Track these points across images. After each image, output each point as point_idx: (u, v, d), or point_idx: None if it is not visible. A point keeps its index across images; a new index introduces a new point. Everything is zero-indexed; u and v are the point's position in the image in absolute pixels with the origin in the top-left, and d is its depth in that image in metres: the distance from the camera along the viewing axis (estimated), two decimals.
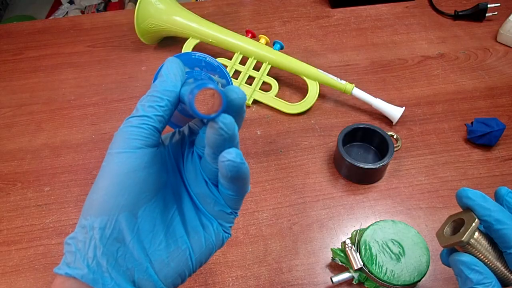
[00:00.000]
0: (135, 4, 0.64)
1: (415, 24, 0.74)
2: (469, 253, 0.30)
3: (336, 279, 0.42)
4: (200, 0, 0.87)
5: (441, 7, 0.76)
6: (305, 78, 0.60)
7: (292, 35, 0.73)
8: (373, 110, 0.59)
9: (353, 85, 0.58)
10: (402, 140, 0.56)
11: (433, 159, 0.54)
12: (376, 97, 0.57)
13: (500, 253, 0.30)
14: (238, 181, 0.24)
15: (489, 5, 0.71)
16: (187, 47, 0.64)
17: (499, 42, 0.70)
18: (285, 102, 0.60)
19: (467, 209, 0.31)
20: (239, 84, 0.61)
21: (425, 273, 0.40)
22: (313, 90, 0.59)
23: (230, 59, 0.63)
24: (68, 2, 1.82)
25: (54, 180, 0.54)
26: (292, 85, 0.64)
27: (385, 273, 0.40)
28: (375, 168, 0.48)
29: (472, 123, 0.55)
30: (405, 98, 0.61)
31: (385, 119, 0.58)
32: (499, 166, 0.53)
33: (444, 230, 0.32)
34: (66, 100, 0.64)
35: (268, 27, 0.75)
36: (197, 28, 0.64)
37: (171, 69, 0.25)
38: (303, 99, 0.60)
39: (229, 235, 0.28)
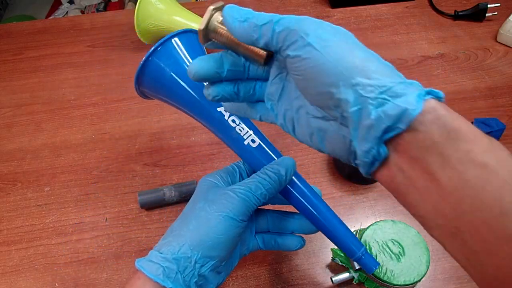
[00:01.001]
0: (135, 4, 0.64)
1: (415, 24, 0.74)
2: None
3: (336, 279, 0.42)
4: (200, 0, 0.87)
5: (441, 7, 0.76)
6: None
7: None
8: None
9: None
10: None
11: None
12: None
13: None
14: (284, 250, 0.39)
15: (489, 5, 0.71)
16: None
17: (499, 42, 0.70)
18: None
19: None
20: None
21: (425, 273, 0.40)
22: None
23: None
24: (68, 2, 1.82)
25: (54, 180, 0.54)
26: None
27: (385, 273, 0.40)
28: None
29: (472, 123, 0.55)
30: None
31: None
32: None
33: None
34: (66, 100, 0.64)
35: None
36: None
37: (290, 175, 0.34)
38: None
39: None
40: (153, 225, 0.49)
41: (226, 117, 0.36)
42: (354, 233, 0.44)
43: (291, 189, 0.35)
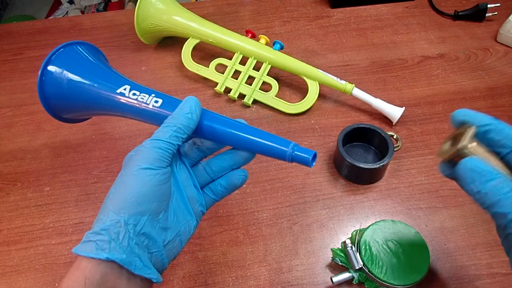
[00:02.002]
0: (135, 4, 0.64)
1: (415, 24, 0.74)
2: None
3: (336, 279, 0.42)
4: (200, 0, 0.87)
5: (441, 7, 0.76)
6: (305, 78, 0.60)
7: (292, 35, 0.73)
8: (373, 110, 0.59)
9: (353, 85, 0.58)
10: (402, 140, 0.56)
11: (433, 159, 0.54)
12: (376, 97, 0.57)
13: (500, 159, 0.29)
14: (234, 189, 0.37)
15: (489, 5, 0.71)
16: (187, 47, 0.64)
17: (499, 42, 0.70)
18: (285, 102, 0.60)
19: (463, 124, 0.30)
20: (239, 84, 0.61)
21: (425, 273, 0.40)
22: (313, 90, 0.59)
23: (230, 59, 0.63)
24: (68, 2, 1.82)
25: (54, 180, 0.54)
26: (292, 85, 0.64)
27: (385, 273, 0.40)
28: (375, 168, 0.48)
29: None
30: (405, 98, 0.61)
31: (385, 119, 0.58)
32: None
33: (443, 146, 0.31)
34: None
35: (268, 27, 0.75)
36: (197, 28, 0.64)
37: (195, 110, 0.34)
38: (303, 99, 0.60)
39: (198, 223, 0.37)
40: None
41: (127, 94, 0.38)
42: (354, 233, 0.44)
43: (205, 124, 0.35)
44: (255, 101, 0.61)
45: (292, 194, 0.51)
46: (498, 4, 0.72)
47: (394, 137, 0.56)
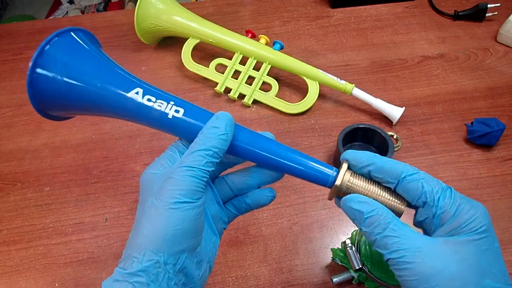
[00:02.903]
0: (135, 4, 0.64)
1: (415, 24, 0.74)
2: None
3: (336, 279, 0.42)
4: (200, 0, 0.87)
5: (441, 7, 0.76)
6: (305, 78, 0.60)
7: (292, 35, 0.73)
8: (373, 110, 0.59)
9: (353, 85, 0.58)
10: (402, 140, 0.56)
11: (433, 159, 0.54)
12: (376, 97, 0.57)
13: (381, 186, 0.30)
14: (260, 207, 0.35)
15: (489, 5, 0.71)
16: (187, 47, 0.64)
17: (499, 42, 0.70)
18: (285, 102, 0.60)
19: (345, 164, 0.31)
20: (239, 84, 0.61)
21: None
22: (313, 90, 0.59)
23: (230, 59, 0.63)
24: (68, 2, 1.82)
25: (54, 180, 0.54)
26: (292, 85, 0.64)
27: (385, 273, 0.40)
28: None
29: (472, 123, 0.55)
30: (405, 98, 0.61)
31: (385, 119, 0.58)
32: (499, 166, 0.53)
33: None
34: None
35: (268, 27, 0.75)
36: (197, 28, 0.64)
37: (230, 130, 0.30)
38: (303, 99, 0.60)
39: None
40: None
41: (140, 99, 0.32)
42: (354, 233, 0.44)
43: (237, 144, 0.32)
44: (255, 101, 0.61)
45: (292, 194, 0.51)
46: (498, 4, 0.72)
47: (394, 137, 0.56)
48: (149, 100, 0.32)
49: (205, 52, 0.70)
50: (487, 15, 0.72)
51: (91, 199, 0.52)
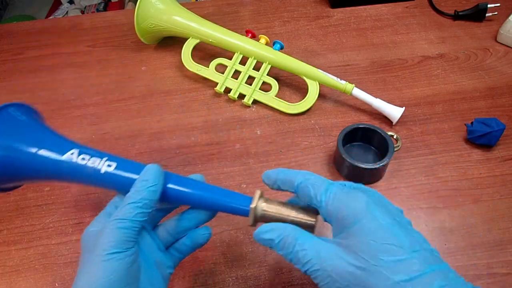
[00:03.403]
0: (135, 4, 0.64)
1: (415, 24, 0.74)
2: (269, 221, 0.33)
3: None
4: (200, 0, 0.87)
5: (441, 7, 0.76)
6: (305, 78, 0.60)
7: (292, 35, 0.73)
8: (373, 110, 0.59)
9: (353, 85, 0.58)
10: (402, 140, 0.56)
11: (433, 159, 0.54)
12: (376, 97, 0.57)
13: (292, 206, 0.34)
14: (200, 247, 0.37)
15: (489, 5, 0.71)
16: (187, 47, 0.64)
17: (499, 42, 0.70)
18: (285, 102, 0.60)
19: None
20: (239, 84, 0.61)
21: None
22: (313, 90, 0.59)
23: (230, 59, 0.63)
24: (68, 2, 1.82)
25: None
26: (292, 85, 0.64)
27: None
28: (375, 168, 0.48)
29: (472, 123, 0.55)
30: (405, 98, 0.61)
31: (385, 119, 0.58)
32: (499, 166, 0.53)
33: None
34: (66, 100, 0.64)
35: (268, 27, 0.75)
36: (197, 28, 0.64)
37: (159, 181, 0.33)
38: (303, 99, 0.60)
39: None
40: None
41: (75, 159, 0.35)
42: None
43: (167, 191, 0.34)
44: (255, 101, 0.61)
45: (291, 194, 0.51)
46: (498, 4, 0.72)
47: (394, 137, 0.56)
48: (83, 159, 0.35)
49: (205, 52, 0.70)
50: (487, 15, 0.72)
51: (91, 199, 0.52)
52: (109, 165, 0.35)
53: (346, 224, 0.29)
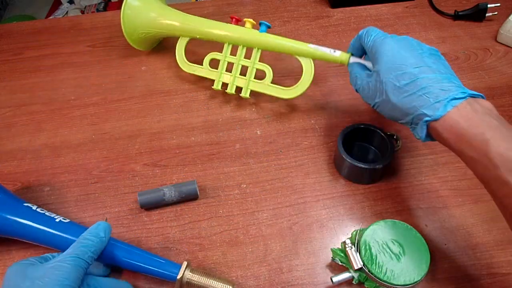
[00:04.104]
0: None
1: (415, 24, 0.74)
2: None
3: (336, 279, 0.42)
4: (200, 0, 0.87)
5: (441, 7, 0.76)
6: (297, 57, 0.56)
7: (292, 35, 0.73)
8: (373, 110, 0.59)
9: (349, 54, 0.53)
10: (402, 140, 0.56)
11: (433, 159, 0.54)
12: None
13: (213, 277, 0.41)
14: None
15: (489, 5, 0.71)
16: (180, 48, 0.63)
17: (499, 42, 0.70)
18: (280, 87, 0.57)
19: None
20: (233, 77, 0.59)
21: (425, 273, 0.40)
22: (308, 69, 0.56)
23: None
24: (68, 2, 1.82)
25: (54, 180, 0.54)
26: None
27: (385, 273, 0.40)
28: (375, 168, 0.48)
29: None
30: None
31: (385, 119, 0.58)
32: None
33: None
34: (66, 100, 0.64)
35: None
36: (181, 26, 0.62)
37: (107, 235, 0.39)
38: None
39: None
40: (153, 225, 0.49)
41: (34, 208, 0.45)
42: (355, 233, 0.44)
43: (107, 254, 0.41)
44: (255, 99, 0.61)
45: (292, 194, 0.51)
46: (498, 4, 0.72)
47: (394, 137, 0.56)
48: (41, 210, 0.45)
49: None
50: (487, 15, 0.72)
51: (91, 199, 0.52)
52: (64, 218, 0.45)
53: (375, 55, 0.44)
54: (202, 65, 0.61)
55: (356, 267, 0.41)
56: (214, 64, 0.61)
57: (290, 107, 0.61)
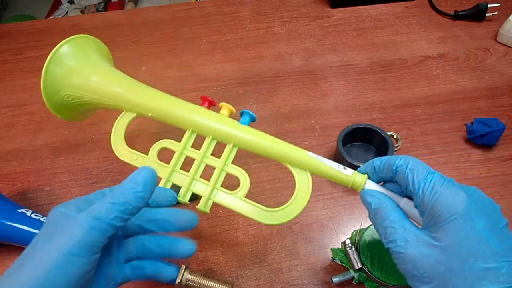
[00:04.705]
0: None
1: (415, 24, 0.74)
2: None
3: (336, 279, 0.42)
4: (200, 0, 0.87)
5: (441, 7, 0.76)
6: (289, 166, 0.39)
7: (292, 35, 0.73)
8: (373, 110, 0.59)
9: (366, 176, 0.35)
10: (402, 140, 0.56)
11: (433, 159, 0.54)
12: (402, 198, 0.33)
13: (212, 279, 0.39)
14: (156, 280, 0.35)
15: (489, 5, 0.71)
16: (120, 126, 0.44)
17: (499, 42, 0.70)
18: (261, 206, 0.38)
19: None
20: (191, 179, 0.39)
21: None
22: (303, 184, 0.38)
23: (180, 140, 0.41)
24: (68, 2, 1.82)
25: (54, 180, 0.54)
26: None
27: (385, 273, 0.40)
28: None
29: (472, 123, 0.55)
30: (405, 98, 0.61)
31: (386, 119, 0.58)
32: (499, 166, 0.53)
33: None
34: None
35: (268, 27, 0.75)
36: (126, 96, 0.43)
37: (149, 188, 0.29)
38: (291, 195, 0.38)
39: None
40: None
41: (29, 214, 0.45)
42: (355, 233, 0.44)
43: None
44: (255, 102, 0.61)
45: (292, 194, 0.51)
46: (498, 4, 0.72)
47: (394, 137, 0.56)
48: (36, 215, 0.45)
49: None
50: (487, 15, 0.72)
51: None
52: None
53: (440, 219, 0.28)
54: (147, 154, 0.42)
55: (356, 267, 0.41)
56: (166, 156, 0.41)
57: (290, 107, 0.61)
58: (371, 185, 0.34)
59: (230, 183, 0.39)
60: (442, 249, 0.27)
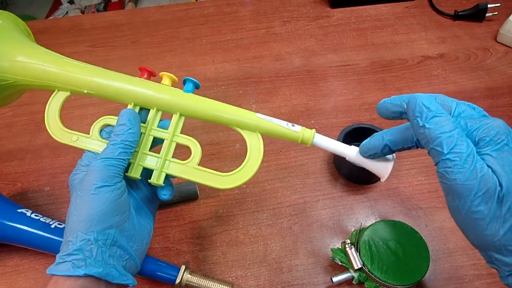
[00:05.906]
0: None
1: (415, 24, 0.74)
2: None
3: (336, 279, 0.42)
4: (200, 0, 0.87)
5: (441, 7, 0.76)
6: (239, 129, 0.38)
7: (292, 35, 0.73)
8: (373, 110, 0.59)
9: (313, 130, 0.37)
10: None
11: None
12: (348, 144, 0.39)
13: (211, 279, 0.42)
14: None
15: (489, 5, 0.71)
16: (53, 106, 0.40)
17: (499, 42, 0.70)
18: (214, 172, 0.37)
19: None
20: (139, 154, 0.37)
21: (425, 273, 0.40)
22: (255, 146, 0.37)
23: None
24: (68, 2, 1.82)
25: (54, 180, 0.54)
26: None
27: (385, 273, 0.40)
28: None
29: None
30: None
31: (385, 120, 0.58)
32: None
33: None
34: (66, 100, 0.64)
35: (268, 27, 0.75)
36: (59, 74, 0.39)
37: (135, 123, 0.35)
38: (241, 162, 0.37)
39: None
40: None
41: (28, 214, 0.45)
42: (355, 233, 0.44)
43: None
44: (255, 102, 0.61)
45: (292, 194, 0.51)
46: (498, 4, 0.72)
47: None
48: (36, 215, 0.45)
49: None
50: (487, 15, 0.72)
51: None
52: (59, 223, 0.44)
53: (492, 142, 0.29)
54: (88, 133, 0.39)
55: (356, 267, 0.41)
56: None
57: (290, 107, 0.61)
58: (320, 139, 0.37)
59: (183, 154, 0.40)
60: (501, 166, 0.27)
